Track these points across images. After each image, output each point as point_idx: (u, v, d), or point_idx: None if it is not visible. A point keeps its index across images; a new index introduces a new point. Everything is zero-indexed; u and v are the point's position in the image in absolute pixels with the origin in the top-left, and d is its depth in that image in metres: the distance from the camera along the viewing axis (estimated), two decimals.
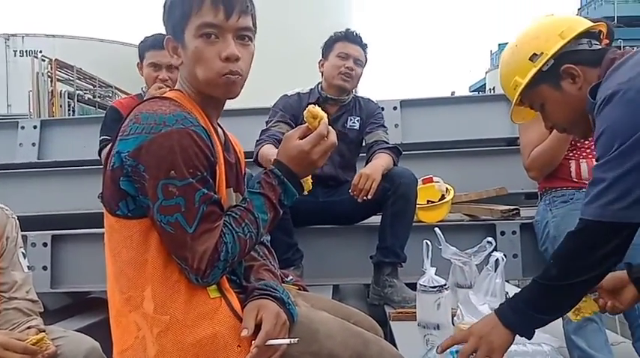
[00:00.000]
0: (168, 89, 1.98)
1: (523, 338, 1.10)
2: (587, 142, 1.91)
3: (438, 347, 1.14)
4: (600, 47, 1.17)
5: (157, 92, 1.89)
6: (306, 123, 0.99)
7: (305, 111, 0.99)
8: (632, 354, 1.86)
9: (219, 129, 1.06)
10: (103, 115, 2.53)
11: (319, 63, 2.22)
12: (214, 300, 0.93)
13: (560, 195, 1.91)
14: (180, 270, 0.91)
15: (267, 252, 1.15)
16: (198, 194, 0.89)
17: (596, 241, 0.99)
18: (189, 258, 0.89)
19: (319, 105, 1.01)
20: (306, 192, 1.87)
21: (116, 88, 13.15)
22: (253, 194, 0.98)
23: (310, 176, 1.86)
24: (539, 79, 1.17)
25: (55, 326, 1.59)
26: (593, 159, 1.90)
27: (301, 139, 0.98)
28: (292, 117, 2.14)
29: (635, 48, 1.12)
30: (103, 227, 0.98)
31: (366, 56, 2.19)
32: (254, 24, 0.99)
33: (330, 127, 1.00)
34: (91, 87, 12.86)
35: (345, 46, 2.14)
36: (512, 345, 1.09)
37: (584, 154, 1.90)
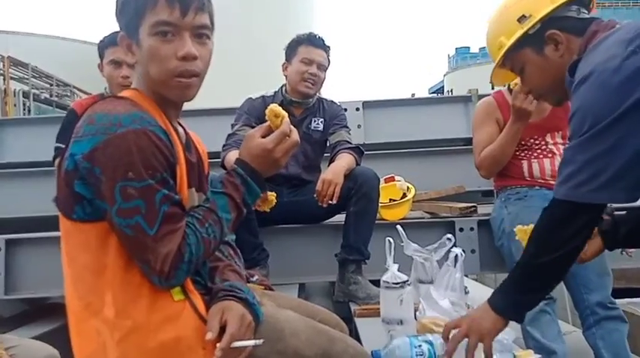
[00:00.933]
0: None
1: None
2: (537, 143, 2.00)
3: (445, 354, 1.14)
4: (588, 16, 1.17)
5: None
6: (268, 122, 0.99)
7: (267, 110, 0.99)
8: (582, 342, 1.96)
9: (180, 129, 1.04)
10: (60, 115, 2.44)
11: (283, 66, 2.22)
12: (178, 303, 0.92)
13: (515, 193, 2.00)
14: (141, 274, 0.90)
15: (232, 252, 1.15)
16: (159, 195, 0.87)
17: (567, 219, 1.02)
18: (151, 260, 0.87)
19: (283, 108, 1.02)
20: (267, 209, 1.91)
21: (74, 87, 12.70)
22: (216, 194, 0.97)
23: (274, 194, 1.91)
24: (523, 42, 1.17)
25: (9, 335, 1.53)
26: (544, 159, 2.01)
27: (263, 138, 0.98)
28: (257, 121, 2.14)
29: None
30: (59, 230, 0.95)
31: (329, 58, 2.20)
32: (212, 22, 0.97)
33: (292, 126, 1.00)
34: (48, 86, 12.37)
35: (308, 51, 2.14)
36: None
37: (535, 155, 1.99)
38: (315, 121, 2.23)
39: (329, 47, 2.20)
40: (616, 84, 0.93)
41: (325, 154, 2.31)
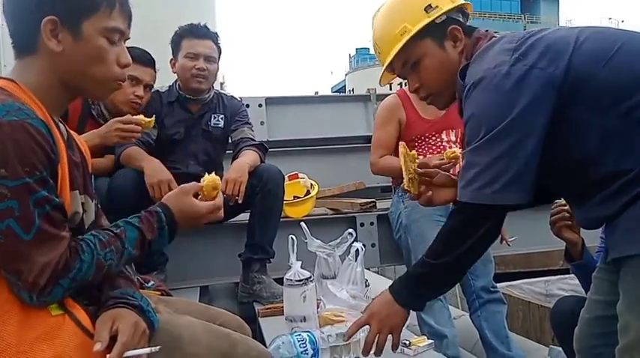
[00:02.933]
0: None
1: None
2: (433, 139, 2.14)
3: (344, 335, 1.19)
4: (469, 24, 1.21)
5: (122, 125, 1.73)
6: (201, 184, 1.03)
7: (205, 181, 1.03)
8: (470, 324, 2.15)
9: (61, 126, 0.95)
10: None
11: (170, 62, 2.08)
12: (56, 318, 0.83)
13: None
14: (10, 287, 0.80)
15: None
16: (36, 196, 0.79)
17: (473, 221, 1.04)
18: (24, 270, 0.78)
19: (179, 103, 1.00)
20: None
21: None
22: (130, 225, 0.93)
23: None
24: (426, 32, 1.16)
25: None
26: (438, 155, 2.15)
27: (194, 196, 1.01)
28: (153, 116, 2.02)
29: None
30: None
31: (218, 47, 2.08)
32: None
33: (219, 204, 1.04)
34: None
35: (192, 45, 2.00)
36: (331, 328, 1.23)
37: (430, 151, 2.13)
38: (214, 117, 2.14)
39: (216, 35, 2.08)
40: (508, 87, 0.96)
41: (227, 151, 2.25)
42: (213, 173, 1.07)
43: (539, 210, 2.53)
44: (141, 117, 1.77)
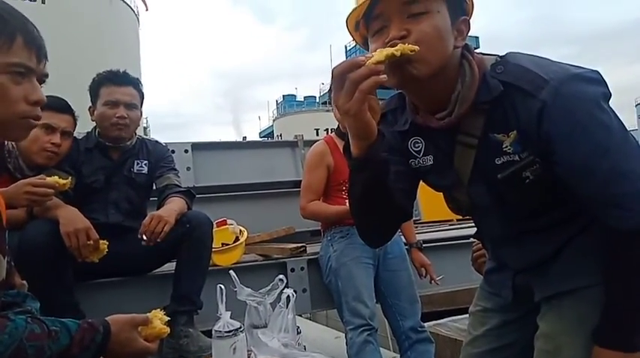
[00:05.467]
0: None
1: None
2: None
3: None
4: None
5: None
6: (150, 317, 1.08)
7: (155, 322, 1.09)
8: None
9: None
10: None
11: (89, 110, 2.01)
12: None
13: (339, 231, 2.17)
14: None
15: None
16: None
17: None
18: None
19: (100, 151, 0.96)
20: (96, 260, 1.73)
21: None
22: (66, 331, 0.89)
23: (106, 242, 1.77)
24: None
25: None
26: None
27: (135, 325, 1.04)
28: (69, 164, 1.92)
29: None
30: None
31: (140, 92, 2.02)
32: None
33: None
34: None
35: (111, 92, 1.94)
36: None
37: None
38: (138, 163, 2.07)
39: (137, 80, 2.03)
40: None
41: (152, 199, 2.17)
42: (165, 322, 1.11)
43: (460, 250, 2.69)
44: (55, 179, 1.68)
